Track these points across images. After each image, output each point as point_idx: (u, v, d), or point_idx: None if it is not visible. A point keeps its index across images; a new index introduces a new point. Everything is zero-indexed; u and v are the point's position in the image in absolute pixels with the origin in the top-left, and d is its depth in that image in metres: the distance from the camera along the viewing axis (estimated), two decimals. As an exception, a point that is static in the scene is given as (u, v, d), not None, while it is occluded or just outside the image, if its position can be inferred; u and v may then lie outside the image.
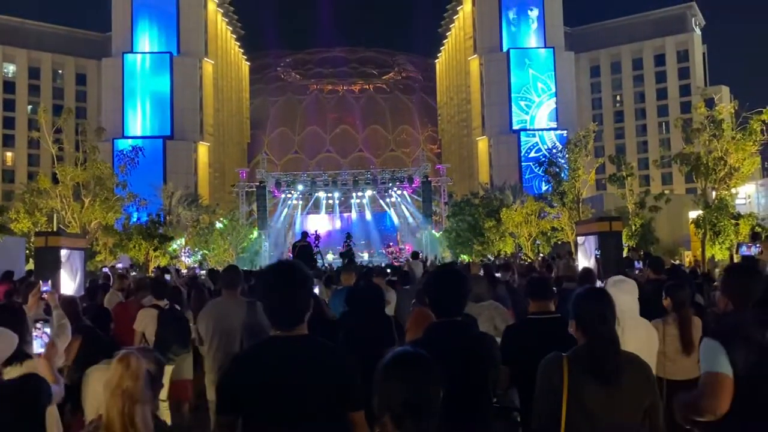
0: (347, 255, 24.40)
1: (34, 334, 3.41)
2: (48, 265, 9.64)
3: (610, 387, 2.79)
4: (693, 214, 22.09)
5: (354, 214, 46.74)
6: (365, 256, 37.49)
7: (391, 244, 41.55)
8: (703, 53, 79.29)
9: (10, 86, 76.49)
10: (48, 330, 3.45)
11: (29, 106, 73.90)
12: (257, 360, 2.60)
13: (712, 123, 20.19)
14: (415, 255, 17.90)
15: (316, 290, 8.50)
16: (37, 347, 3.38)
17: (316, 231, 31.70)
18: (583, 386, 2.80)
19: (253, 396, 2.50)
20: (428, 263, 19.19)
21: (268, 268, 2.76)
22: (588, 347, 2.89)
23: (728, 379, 2.80)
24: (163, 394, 6.64)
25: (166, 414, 6.73)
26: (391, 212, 46.06)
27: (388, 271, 13.52)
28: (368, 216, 46.42)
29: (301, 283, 2.64)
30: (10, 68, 77.14)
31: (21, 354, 2.99)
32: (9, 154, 75.91)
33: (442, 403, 2.06)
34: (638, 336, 4.22)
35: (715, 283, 3.76)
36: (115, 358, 2.50)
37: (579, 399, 2.80)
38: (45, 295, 3.71)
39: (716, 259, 19.58)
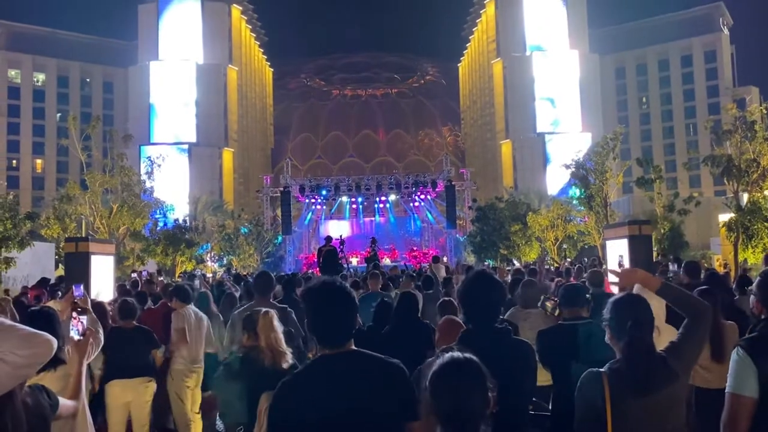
0: (372, 260, 24.33)
1: (71, 323, 3.42)
2: (78, 270, 9.72)
3: (648, 397, 2.70)
4: (723, 217, 21.65)
5: (378, 219, 46.74)
6: (387, 260, 37.38)
7: (414, 248, 41.41)
8: (732, 54, 77.89)
9: (40, 95, 78.12)
10: (84, 319, 3.45)
11: (58, 114, 75.40)
12: (309, 381, 2.57)
13: (744, 124, 19.80)
14: (436, 259, 17.78)
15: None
16: (75, 335, 3.39)
17: (340, 235, 31.71)
18: (624, 401, 2.71)
19: (307, 418, 2.46)
20: (458, 266, 19.03)
21: (312, 288, 2.72)
22: (622, 358, 2.80)
23: (752, 401, 2.72)
24: (196, 406, 6.66)
25: (198, 423, 6.75)
26: (415, 217, 46.00)
27: (414, 275, 13.43)
28: (392, 220, 46.39)
29: (347, 301, 2.65)
30: (40, 77, 78.80)
31: (56, 360, 2.98)
32: (39, 162, 77.44)
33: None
34: (664, 343, 4.13)
35: (750, 288, 3.64)
36: (261, 315, 4.29)
37: (623, 415, 2.71)
38: (77, 300, 3.72)
39: (749, 264, 19.15)
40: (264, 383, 3.78)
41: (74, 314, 3.44)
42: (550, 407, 4.18)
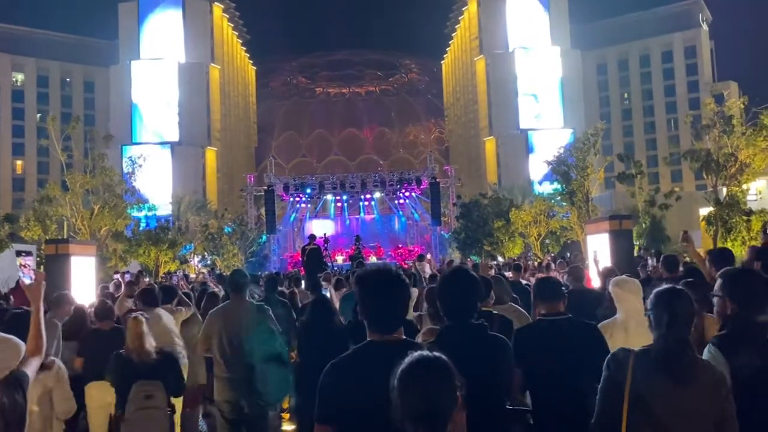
0: (357, 258, 24.37)
1: (21, 271, 3.39)
2: (59, 272, 9.65)
3: (679, 387, 2.69)
4: (704, 211, 21.91)
5: (363, 217, 46.68)
6: (373, 258, 37.38)
7: (400, 245, 41.41)
8: (711, 49, 78.77)
9: (19, 95, 77.07)
10: (30, 261, 3.42)
11: (38, 115, 74.40)
12: (358, 365, 2.58)
13: (722, 119, 20.03)
14: (420, 257, 17.85)
15: (327, 294, 8.49)
16: (27, 280, 3.36)
17: (324, 234, 31.69)
18: (649, 385, 2.71)
19: (354, 403, 2.46)
20: (446, 263, 19.07)
21: (368, 273, 2.72)
22: (658, 345, 2.79)
23: None
24: (178, 402, 6.59)
25: (178, 421, 6.68)
26: (400, 214, 45.99)
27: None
28: (377, 218, 46.36)
29: (402, 290, 2.66)
30: (19, 77, 77.73)
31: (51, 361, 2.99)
32: (19, 163, 76.44)
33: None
34: (645, 337, 4.16)
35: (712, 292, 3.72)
36: (131, 319, 5.16)
37: (643, 398, 2.70)
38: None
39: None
40: (133, 374, 5.03)
41: (20, 261, 3.42)
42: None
